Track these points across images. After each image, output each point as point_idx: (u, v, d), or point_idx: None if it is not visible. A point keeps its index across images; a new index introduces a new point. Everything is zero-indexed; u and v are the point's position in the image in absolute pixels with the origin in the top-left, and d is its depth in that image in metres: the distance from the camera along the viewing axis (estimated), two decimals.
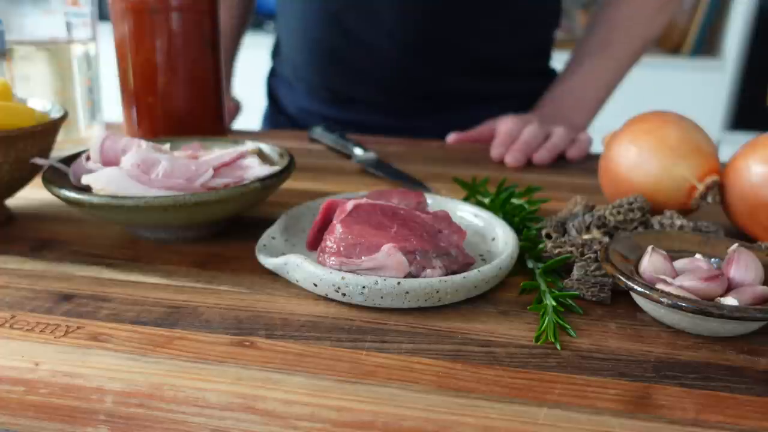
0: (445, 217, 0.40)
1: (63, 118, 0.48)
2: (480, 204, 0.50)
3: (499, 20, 0.80)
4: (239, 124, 0.79)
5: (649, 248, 0.36)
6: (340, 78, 0.84)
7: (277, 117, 0.93)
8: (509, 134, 0.71)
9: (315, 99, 0.87)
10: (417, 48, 0.79)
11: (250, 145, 0.51)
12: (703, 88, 1.97)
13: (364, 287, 0.34)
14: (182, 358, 0.31)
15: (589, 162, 0.69)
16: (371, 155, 0.65)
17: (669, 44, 2.10)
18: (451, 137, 0.77)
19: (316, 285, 0.35)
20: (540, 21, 0.85)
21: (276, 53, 0.93)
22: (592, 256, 0.39)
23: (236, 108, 0.92)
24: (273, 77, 0.95)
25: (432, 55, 0.80)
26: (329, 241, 0.37)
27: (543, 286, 0.37)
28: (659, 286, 0.34)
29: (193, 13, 0.57)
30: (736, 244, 0.36)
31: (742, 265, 0.35)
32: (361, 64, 0.81)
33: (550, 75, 0.90)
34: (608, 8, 0.79)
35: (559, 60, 0.92)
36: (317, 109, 0.87)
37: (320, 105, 0.87)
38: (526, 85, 0.87)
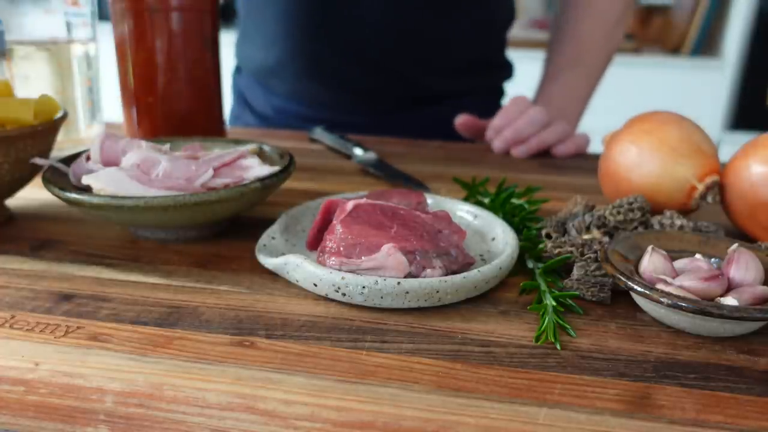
0: (445, 217, 0.40)
1: (63, 118, 0.48)
2: (480, 204, 0.50)
3: (471, 19, 0.82)
4: None
5: (649, 248, 0.36)
6: (319, 84, 0.84)
7: (249, 117, 0.92)
8: (507, 116, 0.72)
9: (292, 101, 0.87)
10: (396, 52, 0.81)
11: (250, 145, 0.51)
12: (703, 88, 1.97)
13: (364, 287, 0.34)
14: (182, 358, 0.31)
15: (589, 162, 0.69)
16: (371, 155, 0.65)
17: (669, 44, 2.11)
18: (460, 119, 0.76)
19: (316, 285, 0.35)
20: (501, 18, 0.89)
21: (242, 53, 0.91)
22: (592, 256, 0.39)
23: None
24: (240, 75, 0.94)
25: (411, 58, 0.82)
26: (329, 241, 0.37)
27: (543, 286, 0.37)
28: (659, 286, 0.34)
29: (193, 13, 0.57)
30: (736, 244, 0.36)
31: (742, 265, 0.35)
32: (341, 70, 0.82)
33: (508, 67, 0.94)
34: (569, 25, 0.81)
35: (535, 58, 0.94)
36: (294, 108, 0.87)
37: (297, 105, 0.87)
38: (491, 80, 0.92)
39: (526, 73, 1.02)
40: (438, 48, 0.82)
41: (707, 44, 2.04)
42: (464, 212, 0.46)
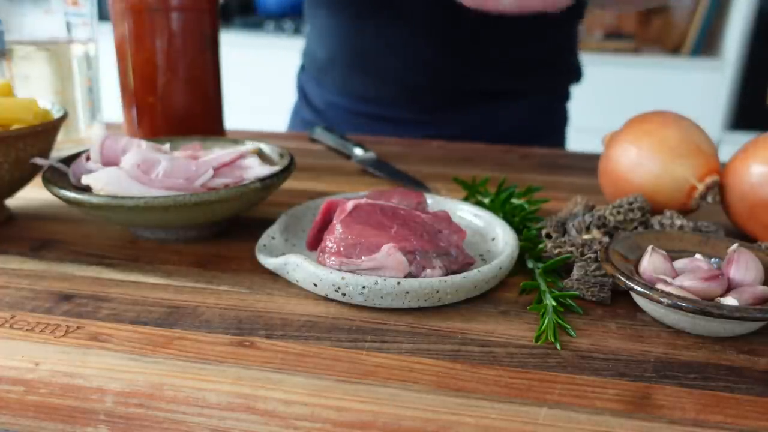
0: (445, 217, 0.40)
1: (63, 118, 0.48)
2: (480, 204, 0.50)
3: (524, 18, 0.79)
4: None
5: (649, 248, 0.36)
6: (366, 78, 0.85)
7: (306, 110, 0.94)
8: None
9: (343, 96, 0.88)
10: (444, 49, 0.80)
11: (250, 145, 0.51)
12: (703, 88, 1.97)
13: (364, 287, 0.34)
14: (182, 358, 0.31)
15: (589, 162, 0.69)
16: (371, 155, 0.65)
17: (669, 44, 2.10)
18: None
19: (316, 285, 0.35)
20: (564, 17, 0.82)
21: (305, 51, 0.95)
22: (592, 256, 0.39)
23: None
24: (302, 73, 0.97)
25: (459, 55, 0.80)
26: (329, 241, 0.37)
27: (543, 286, 0.37)
28: (659, 286, 0.34)
29: (193, 13, 0.57)
30: (736, 244, 0.36)
31: (742, 265, 0.35)
32: (387, 65, 0.82)
33: (577, 71, 0.89)
34: None
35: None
36: (345, 103, 0.88)
37: (348, 101, 0.88)
38: (551, 81, 0.87)
39: None
40: (485, 45, 0.80)
41: (707, 44, 2.04)
42: (464, 212, 0.46)
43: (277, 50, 0.91)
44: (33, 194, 0.52)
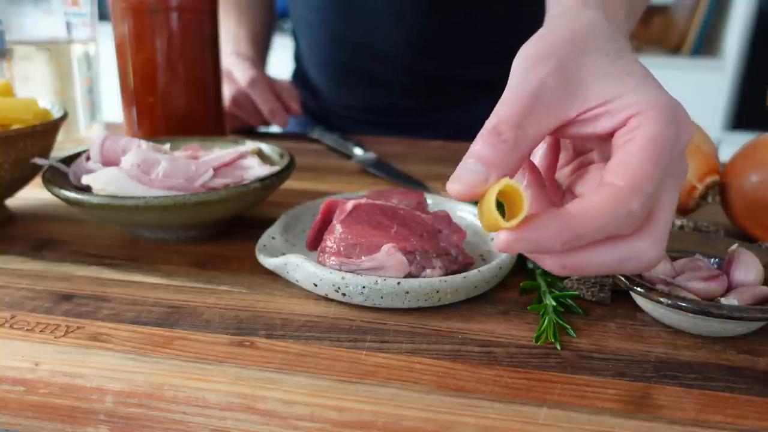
0: (445, 217, 0.40)
1: (63, 118, 0.48)
2: None
3: (497, 5, 0.80)
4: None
5: None
6: (354, 90, 0.85)
7: (303, 116, 0.95)
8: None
9: (337, 106, 0.89)
10: (425, 49, 0.80)
11: (250, 145, 0.51)
12: (703, 88, 1.97)
13: (364, 287, 0.34)
14: (182, 358, 0.31)
15: None
16: (371, 155, 0.65)
17: (669, 44, 2.10)
18: None
19: (316, 285, 0.35)
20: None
21: (296, 58, 0.95)
22: None
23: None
24: (296, 78, 0.97)
25: (441, 52, 0.80)
26: (329, 241, 0.37)
27: (543, 286, 0.37)
28: (659, 286, 0.34)
29: (193, 13, 0.57)
30: (736, 244, 0.36)
31: (742, 265, 0.35)
32: (372, 75, 0.82)
33: None
34: None
35: None
36: (340, 111, 0.89)
37: (342, 109, 0.89)
38: None
39: None
40: (465, 41, 0.80)
41: (707, 44, 2.04)
42: (464, 212, 0.46)
43: (276, 50, 0.91)
44: (33, 194, 0.52)
